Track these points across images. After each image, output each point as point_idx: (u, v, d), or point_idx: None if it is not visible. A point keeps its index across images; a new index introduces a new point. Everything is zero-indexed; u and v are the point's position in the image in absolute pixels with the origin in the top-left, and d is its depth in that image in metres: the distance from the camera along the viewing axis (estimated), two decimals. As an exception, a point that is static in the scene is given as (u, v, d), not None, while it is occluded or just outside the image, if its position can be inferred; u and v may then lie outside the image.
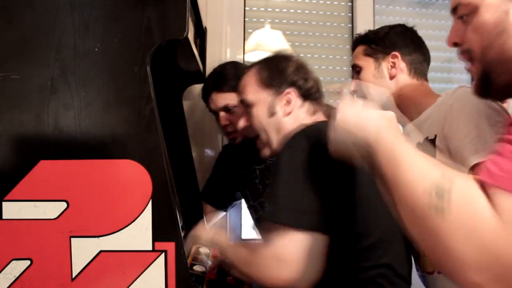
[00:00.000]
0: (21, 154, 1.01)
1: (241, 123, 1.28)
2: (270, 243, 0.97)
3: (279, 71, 1.20)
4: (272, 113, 1.19)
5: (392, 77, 1.29)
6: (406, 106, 1.25)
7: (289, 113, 1.19)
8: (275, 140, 1.19)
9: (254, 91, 1.22)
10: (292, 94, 1.19)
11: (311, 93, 1.22)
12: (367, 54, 1.33)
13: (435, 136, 1.10)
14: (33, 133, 1.01)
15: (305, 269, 0.94)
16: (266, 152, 1.23)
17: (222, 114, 1.57)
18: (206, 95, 1.60)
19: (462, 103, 1.05)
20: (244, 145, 1.63)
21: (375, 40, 1.32)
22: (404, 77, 1.29)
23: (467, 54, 0.79)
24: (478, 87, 0.78)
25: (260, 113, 1.20)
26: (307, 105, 1.21)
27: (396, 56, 1.29)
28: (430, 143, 1.11)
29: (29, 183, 1.00)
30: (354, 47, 1.40)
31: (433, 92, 1.28)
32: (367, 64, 1.32)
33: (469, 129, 1.01)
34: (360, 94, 0.91)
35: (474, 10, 0.75)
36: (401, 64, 1.29)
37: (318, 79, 1.26)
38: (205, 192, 1.71)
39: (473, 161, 0.96)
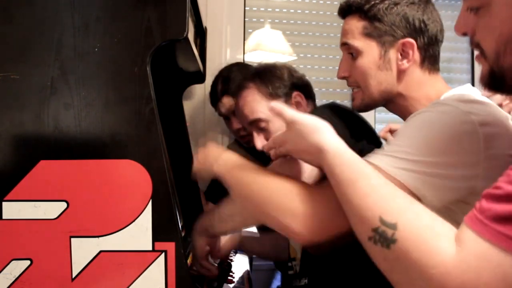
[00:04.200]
0: (21, 154, 1.01)
1: (259, 144, 1.25)
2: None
3: (278, 79, 1.23)
4: None
5: (401, 71, 0.99)
6: (409, 109, 1.01)
7: None
8: None
9: (265, 107, 1.20)
10: (299, 96, 1.22)
11: (309, 90, 1.26)
12: (369, 34, 1.00)
13: None
14: (33, 133, 1.01)
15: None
16: None
17: (234, 118, 1.56)
18: (215, 100, 1.59)
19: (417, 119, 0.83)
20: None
21: (380, 15, 0.99)
22: (415, 71, 0.99)
23: (478, 48, 0.69)
24: (487, 83, 0.70)
25: (278, 126, 1.20)
26: (311, 103, 1.25)
27: (411, 45, 0.98)
28: None
29: (29, 183, 1.00)
30: (344, 14, 1.05)
31: (444, 89, 1.01)
32: (369, 48, 1.00)
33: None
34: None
35: (485, 5, 0.64)
36: (415, 54, 0.98)
37: (304, 75, 1.29)
38: (209, 191, 1.71)
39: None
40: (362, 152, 0.97)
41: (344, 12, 1.05)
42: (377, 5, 0.99)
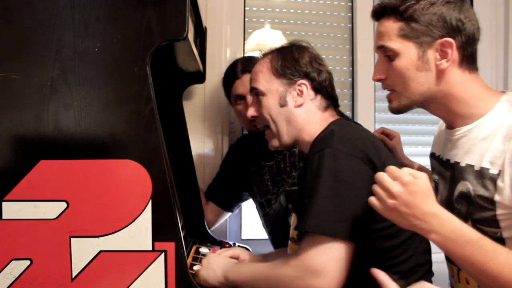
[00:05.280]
0: (21, 154, 1.01)
1: (250, 112, 1.24)
2: (304, 254, 0.97)
3: (293, 61, 1.18)
4: (283, 104, 1.18)
5: (440, 72, 0.98)
6: (454, 109, 1.00)
7: (300, 105, 1.17)
8: (285, 131, 1.18)
9: (266, 80, 1.19)
10: (305, 85, 1.17)
11: (323, 87, 1.19)
12: (405, 35, 0.99)
13: (499, 172, 0.91)
14: (33, 133, 1.01)
15: (338, 278, 0.94)
16: (274, 143, 1.22)
17: (249, 97, 1.55)
18: (233, 78, 1.56)
19: None
20: (252, 143, 1.62)
21: (416, 15, 0.97)
22: (454, 71, 0.98)
23: None
24: None
25: (270, 102, 1.19)
26: (319, 99, 1.19)
27: (450, 44, 0.96)
28: (486, 174, 0.93)
29: (29, 183, 1.00)
30: (378, 16, 1.04)
31: (488, 88, 1.02)
32: (406, 49, 0.99)
33: None
34: None
35: None
36: (454, 54, 0.97)
37: (330, 73, 1.23)
38: (211, 191, 1.71)
39: None
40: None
41: (379, 14, 1.03)
42: (413, 5, 0.97)
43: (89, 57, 1.01)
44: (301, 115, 1.17)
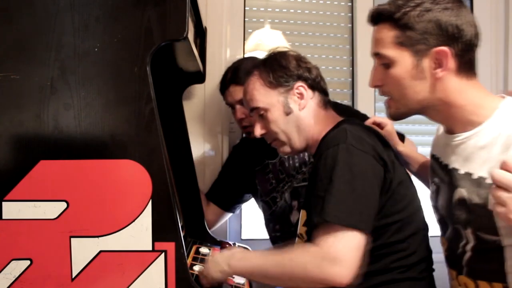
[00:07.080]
0: (21, 154, 1.01)
1: (258, 131, 1.25)
2: (322, 243, 0.98)
3: (282, 68, 1.20)
4: (288, 111, 1.19)
5: (436, 80, 0.96)
6: (453, 115, 0.98)
7: (304, 107, 1.19)
8: (296, 138, 1.20)
9: (264, 96, 1.20)
10: (302, 87, 1.19)
11: (317, 82, 1.22)
12: (401, 43, 0.96)
13: None
14: (33, 133, 1.01)
15: (353, 267, 0.96)
16: (286, 149, 1.23)
17: (238, 107, 1.56)
18: (223, 88, 1.60)
19: None
20: (255, 143, 1.62)
21: (412, 23, 0.94)
22: (452, 78, 0.96)
23: None
24: None
25: (276, 115, 1.20)
26: (317, 96, 1.22)
27: (445, 54, 0.93)
28: (483, 183, 0.91)
29: (29, 183, 1.00)
30: (375, 21, 1.02)
31: (487, 94, 0.99)
32: (401, 58, 0.96)
33: None
34: None
35: None
36: (450, 62, 0.94)
37: (317, 67, 1.27)
38: (212, 192, 1.71)
39: None
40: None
41: (375, 19, 1.01)
42: (408, 12, 0.94)
43: (89, 57, 1.02)
44: (307, 116, 1.19)
